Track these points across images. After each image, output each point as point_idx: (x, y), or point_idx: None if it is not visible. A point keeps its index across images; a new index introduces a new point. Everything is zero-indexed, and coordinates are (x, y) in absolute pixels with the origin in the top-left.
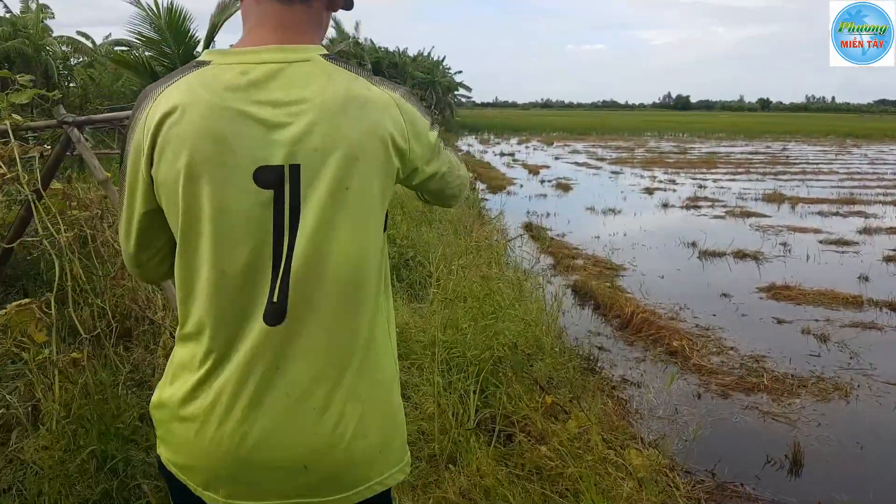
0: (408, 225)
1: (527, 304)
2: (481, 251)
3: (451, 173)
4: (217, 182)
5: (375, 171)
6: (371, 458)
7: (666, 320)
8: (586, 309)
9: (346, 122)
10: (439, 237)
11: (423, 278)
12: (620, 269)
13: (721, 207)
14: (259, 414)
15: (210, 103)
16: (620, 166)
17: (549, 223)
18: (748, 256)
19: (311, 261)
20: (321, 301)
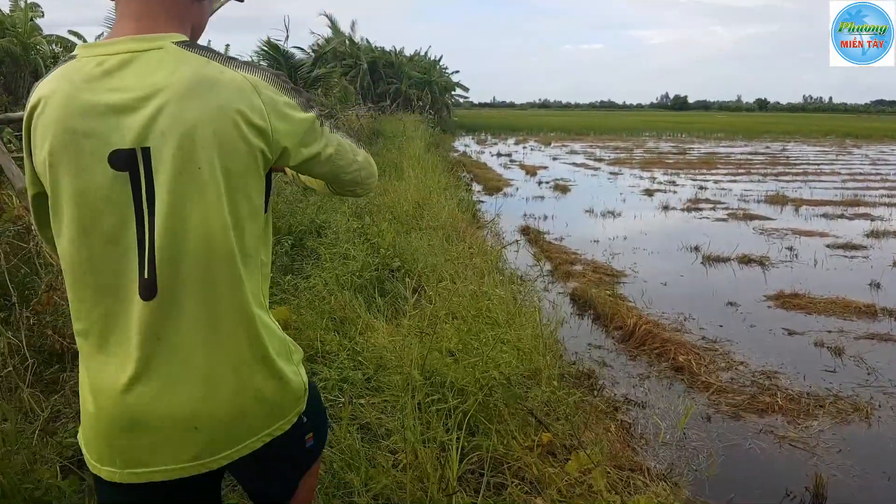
0: (395, 232)
1: (522, 323)
2: (475, 258)
3: (342, 157)
4: (75, 167)
5: (231, 150)
6: (261, 417)
7: (670, 332)
8: (586, 319)
9: (194, 104)
10: (429, 245)
11: (409, 291)
12: (621, 275)
13: (723, 210)
14: (145, 381)
15: (67, 93)
16: (619, 167)
17: (546, 226)
18: (753, 262)
19: (171, 238)
20: (189, 275)
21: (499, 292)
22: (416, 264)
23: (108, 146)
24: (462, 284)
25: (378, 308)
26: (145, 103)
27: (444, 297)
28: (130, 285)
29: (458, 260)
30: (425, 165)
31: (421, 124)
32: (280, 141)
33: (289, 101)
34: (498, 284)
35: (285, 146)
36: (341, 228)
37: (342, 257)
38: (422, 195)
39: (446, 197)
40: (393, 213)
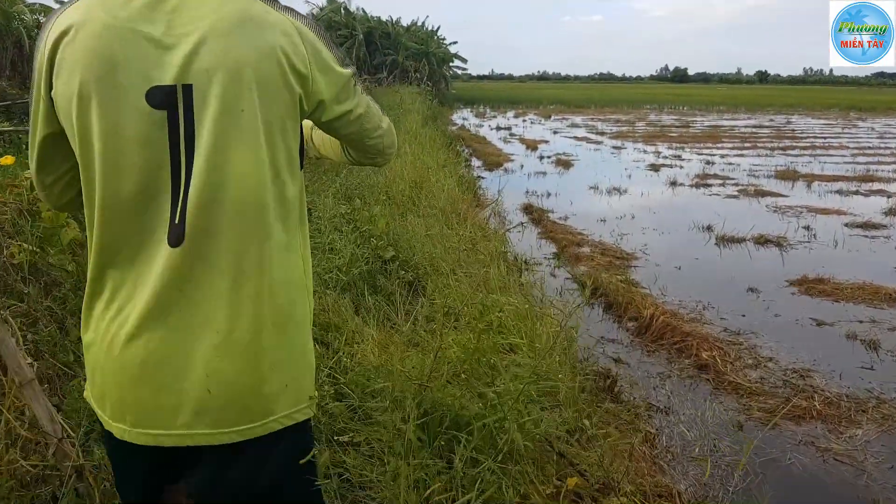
0: (389, 216)
1: (538, 331)
2: (478, 243)
3: (370, 119)
4: (109, 102)
5: (273, 94)
6: (277, 389)
7: (690, 323)
8: (596, 308)
9: (240, 43)
10: (426, 233)
11: (404, 287)
12: (631, 258)
13: (733, 186)
14: (163, 334)
15: (104, 22)
16: (622, 140)
17: (550, 204)
18: (770, 242)
19: (208, 182)
20: (222, 223)
21: (511, 300)
22: (413, 254)
23: (147, 82)
24: (466, 280)
25: (368, 309)
26: (188, 39)
27: (446, 294)
28: (159, 230)
29: (459, 247)
30: (423, 140)
31: (419, 97)
32: (318, 92)
33: (329, 54)
34: (506, 283)
35: (322, 99)
36: (326, 214)
37: (326, 250)
38: (419, 173)
39: (445, 175)
40: (388, 194)
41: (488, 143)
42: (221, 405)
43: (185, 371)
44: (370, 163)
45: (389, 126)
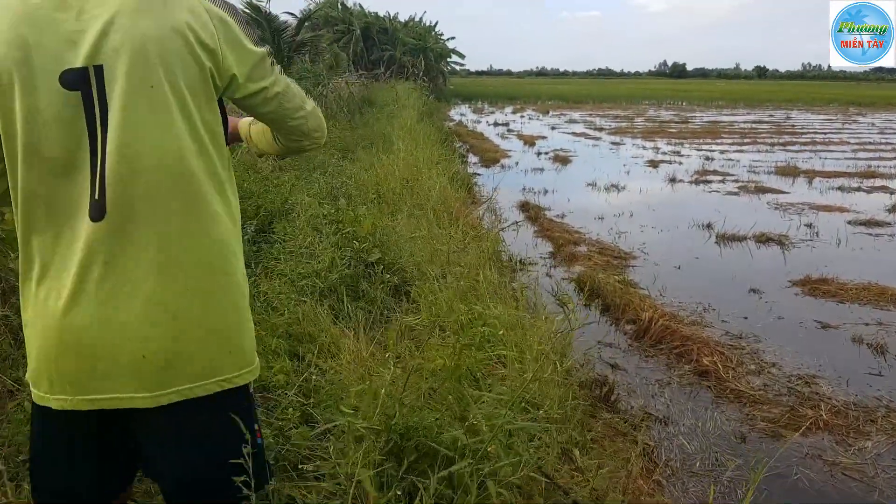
0: (378, 216)
1: (529, 342)
2: (469, 243)
3: (290, 100)
4: (27, 86)
5: (182, 68)
6: (212, 354)
7: (690, 326)
8: (594, 310)
9: (145, 21)
10: (411, 235)
11: (389, 292)
12: (630, 257)
13: (732, 182)
14: (94, 307)
15: (18, 11)
16: (620, 136)
17: (547, 201)
18: (772, 241)
19: (123, 157)
20: (140, 197)
21: (499, 310)
22: (401, 256)
23: (60, 64)
24: (455, 285)
25: (348, 316)
26: (97, 20)
27: (432, 301)
28: (81, 207)
29: (449, 249)
30: (417, 136)
31: (414, 92)
32: (229, 67)
33: (241, 32)
34: (497, 288)
35: (234, 73)
36: (303, 215)
37: (303, 254)
38: (411, 171)
39: (438, 172)
40: (378, 192)
41: (485, 139)
42: (156, 369)
43: (121, 339)
44: (297, 147)
45: (314, 109)
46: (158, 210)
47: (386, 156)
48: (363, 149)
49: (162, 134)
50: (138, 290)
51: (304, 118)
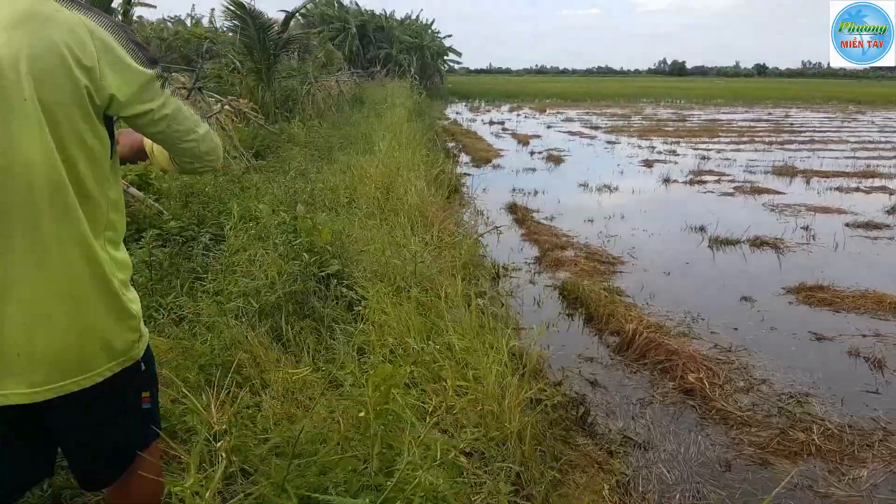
0: (345, 223)
1: (484, 369)
2: (443, 252)
3: (180, 122)
4: None
5: (54, 85)
6: (87, 351)
7: (677, 339)
8: (576, 321)
9: (21, 37)
10: (386, 236)
11: (345, 307)
12: (618, 262)
13: (728, 182)
14: None
15: None
16: (616, 135)
17: (536, 203)
18: (767, 245)
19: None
20: (14, 204)
21: (451, 339)
22: (364, 267)
23: None
24: (415, 299)
25: (293, 339)
26: None
27: (383, 321)
28: None
29: (416, 259)
30: (402, 136)
31: (406, 90)
32: (108, 87)
33: (125, 53)
34: (462, 302)
35: (113, 94)
36: (250, 225)
37: (241, 270)
38: (389, 173)
39: (417, 174)
40: (352, 197)
41: (479, 138)
42: (34, 368)
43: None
44: (191, 168)
45: (208, 133)
46: (32, 218)
47: (364, 157)
48: (342, 150)
49: (34, 146)
50: (13, 292)
51: (196, 141)
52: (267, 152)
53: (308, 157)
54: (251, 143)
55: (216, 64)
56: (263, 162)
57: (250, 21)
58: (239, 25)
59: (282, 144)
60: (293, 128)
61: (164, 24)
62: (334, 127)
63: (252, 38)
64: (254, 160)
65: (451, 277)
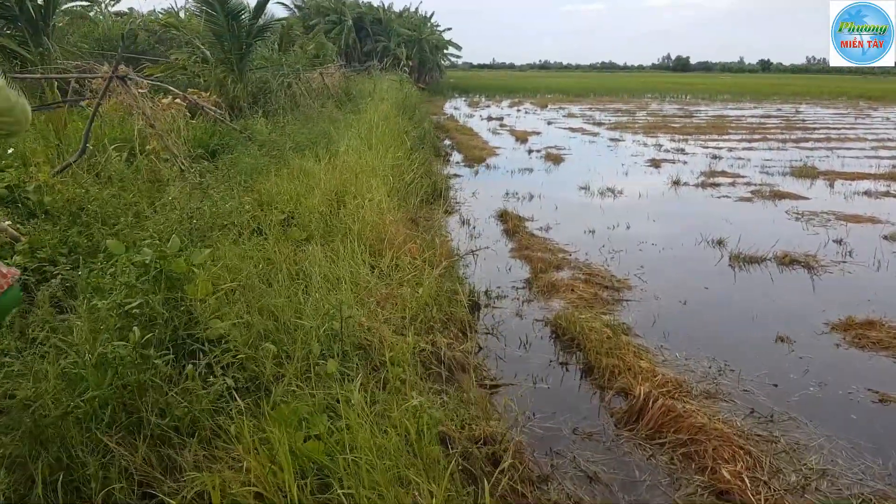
0: (256, 254)
1: None
2: (397, 288)
3: None
4: None
5: None
6: None
7: (702, 406)
8: (572, 373)
9: None
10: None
11: (219, 402)
12: (623, 286)
13: (744, 185)
14: None
15: None
16: (620, 132)
17: (530, 210)
18: (797, 263)
19: None
20: None
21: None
22: (256, 331)
23: None
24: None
25: (87, 479)
26: None
27: (255, 443)
28: None
29: (341, 316)
30: (379, 135)
31: (397, 84)
32: None
33: None
34: (400, 381)
35: None
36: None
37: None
38: (345, 181)
39: (381, 182)
40: (293, 214)
41: (474, 135)
42: None
43: None
44: None
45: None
46: None
47: (323, 160)
48: (307, 149)
49: None
50: None
51: None
52: (225, 151)
53: (261, 158)
54: (207, 142)
55: (181, 53)
56: (207, 165)
57: (218, 6)
58: (206, 10)
59: (241, 143)
60: (256, 124)
61: (154, 15)
62: (306, 123)
63: (221, 25)
64: (201, 162)
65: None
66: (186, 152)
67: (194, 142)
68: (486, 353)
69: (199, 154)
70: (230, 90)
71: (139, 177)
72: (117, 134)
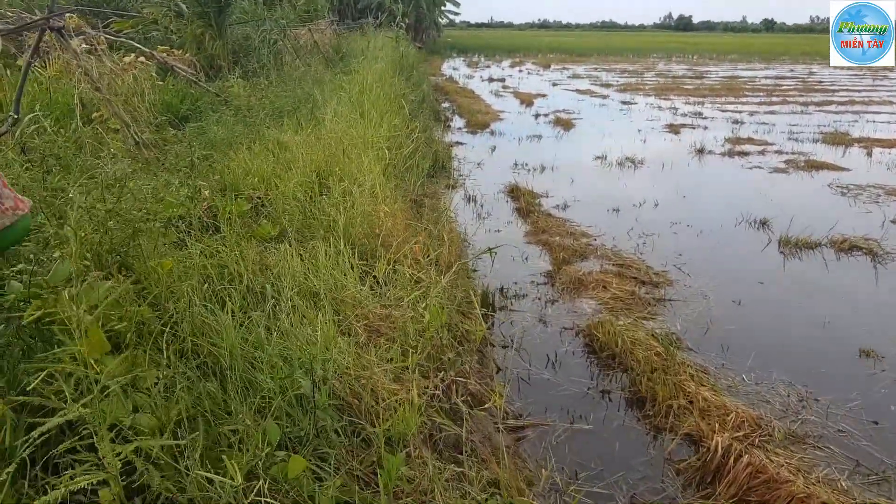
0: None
1: None
2: (396, 307)
3: None
4: None
5: None
6: None
7: (790, 457)
8: (615, 405)
9: None
10: (304, 280)
11: None
12: (663, 281)
13: (775, 154)
14: None
15: None
16: (631, 94)
17: (543, 183)
18: (858, 249)
19: None
20: None
21: None
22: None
23: None
24: None
25: None
26: None
27: None
28: None
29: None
30: (373, 99)
31: (393, 41)
32: None
33: None
34: None
35: None
36: None
37: None
38: (329, 158)
39: (373, 160)
40: (266, 199)
41: (476, 98)
42: None
43: None
44: None
45: None
46: None
47: (297, 133)
48: (287, 116)
49: None
50: None
51: None
52: (197, 117)
53: (234, 127)
54: (177, 107)
55: (154, 6)
56: (174, 133)
57: None
58: None
59: (215, 108)
60: (234, 86)
61: None
62: (289, 84)
63: None
64: (167, 131)
65: (400, 368)
66: (150, 119)
67: (162, 107)
68: (505, 374)
69: (165, 121)
70: (208, 47)
71: (81, 153)
72: (59, 98)
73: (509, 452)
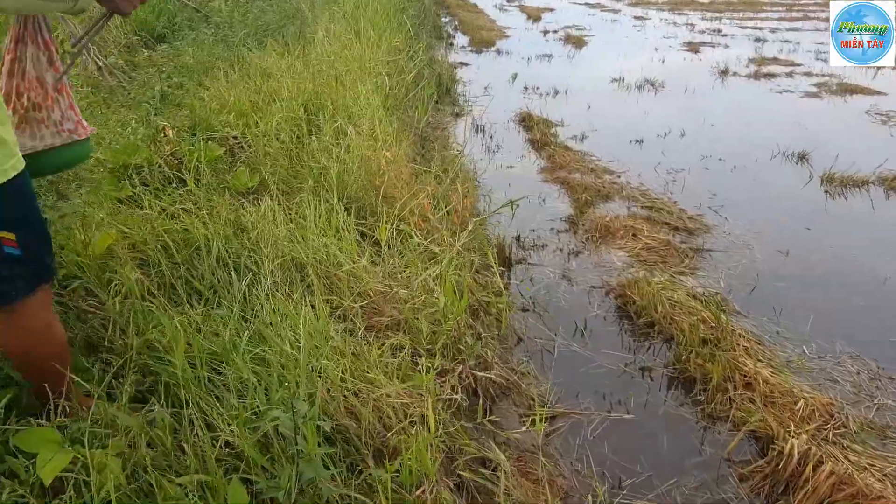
0: None
1: None
2: (401, 274)
3: None
4: None
5: None
6: None
7: (872, 460)
8: (657, 384)
9: None
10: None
11: None
12: (699, 227)
13: (804, 76)
14: None
15: None
16: (644, 8)
17: (557, 110)
18: None
19: None
20: None
21: None
22: None
23: None
24: None
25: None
26: None
27: None
28: None
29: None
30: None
31: None
32: None
33: None
34: None
35: None
36: None
37: None
38: (319, 89)
39: (371, 90)
40: (243, 140)
41: (479, 12)
42: None
43: None
44: None
45: None
46: None
47: (283, 56)
48: (270, 36)
49: None
50: None
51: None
52: (173, 36)
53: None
54: (153, 24)
55: None
56: (148, 54)
57: None
58: None
59: (195, 25)
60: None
61: None
62: None
63: None
64: (139, 53)
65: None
66: (120, 39)
67: (137, 25)
68: (526, 346)
69: (138, 41)
70: None
71: None
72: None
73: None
